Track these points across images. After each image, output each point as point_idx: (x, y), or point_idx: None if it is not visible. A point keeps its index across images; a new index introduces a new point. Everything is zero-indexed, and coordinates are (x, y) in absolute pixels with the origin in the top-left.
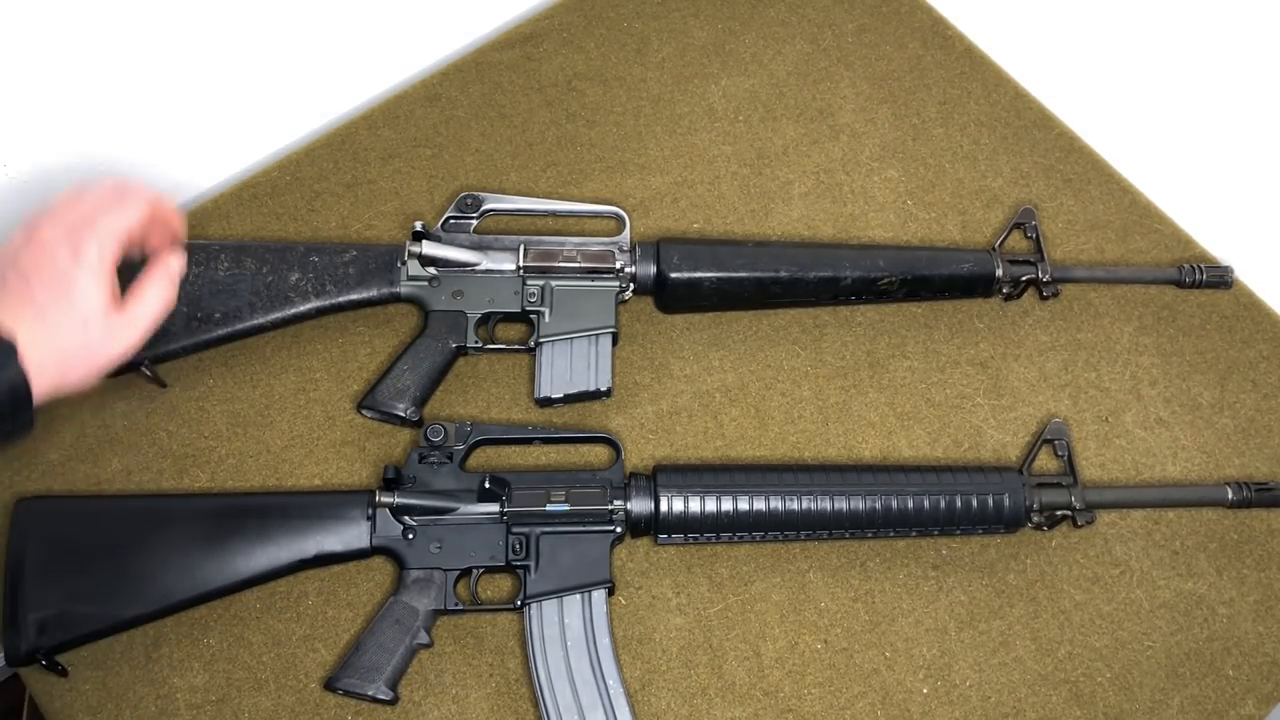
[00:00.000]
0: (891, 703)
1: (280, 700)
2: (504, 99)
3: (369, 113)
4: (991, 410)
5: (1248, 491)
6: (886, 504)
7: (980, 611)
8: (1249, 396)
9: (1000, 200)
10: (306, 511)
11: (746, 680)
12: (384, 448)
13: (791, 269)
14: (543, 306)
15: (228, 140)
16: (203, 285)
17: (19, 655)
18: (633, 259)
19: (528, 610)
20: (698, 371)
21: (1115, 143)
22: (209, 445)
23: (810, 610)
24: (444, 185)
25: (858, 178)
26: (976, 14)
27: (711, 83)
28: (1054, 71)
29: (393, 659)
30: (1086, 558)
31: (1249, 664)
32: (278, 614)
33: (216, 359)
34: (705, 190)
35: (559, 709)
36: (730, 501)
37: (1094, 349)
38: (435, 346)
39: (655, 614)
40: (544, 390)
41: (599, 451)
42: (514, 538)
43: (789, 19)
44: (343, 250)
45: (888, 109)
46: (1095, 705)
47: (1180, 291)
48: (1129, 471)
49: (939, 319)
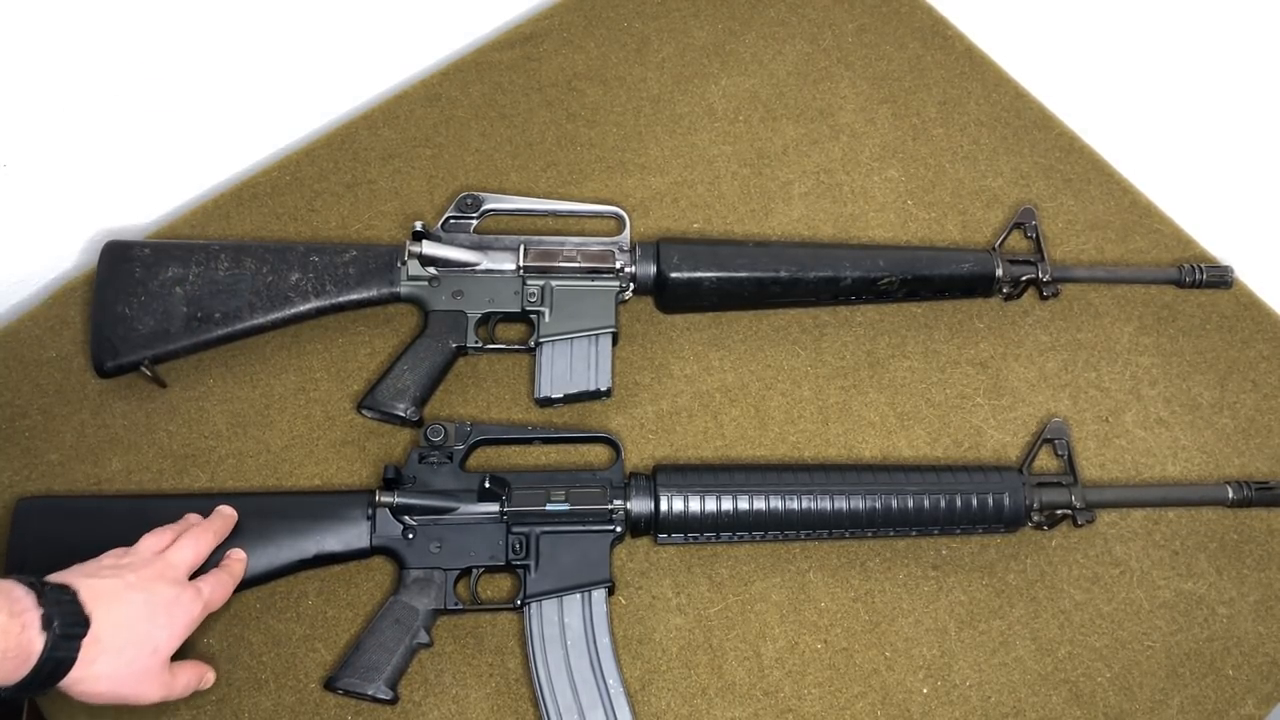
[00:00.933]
0: (891, 703)
1: (280, 700)
2: (504, 99)
3: (369, 113)
4: (991, 410)
5: (1248, 491)
6: (886, 504)
7: (980, 611)
8: (1249, 396)
9: (1000, 200)
10: (306, 511)
11: (746, 680)
12: (384, 448)
13: (791, 269)
14: (543, 306)
15: (228, 140)
16: (203, 285)
17: None
18: (633, 259)
19: (528, 610)
20: (698, 371)
21: (1115, 143)
22: (209, 445)
23: (810, 610)
24: (444, 185)
25: (858, 178)
26: (976, 14)
27: (711, 83)
28: (1054, 71)
29: (393, 659)
30: (1086, 558)
31: (1249, 664)
32: (278, 614)
33: (216, 359)
34: (705, 190)
35: (559, 709)
36: (730, 501)
37: (1094, 349)
38: (435, 346)
39: (655, 614)
40: (544, 390)
41: (599, 451)
42: (514, 537)
43: (789, 19)
44: (343, 250)
45: (888, 109)
46: (1095, 705)
47: (1180, 291)
48: (1129, 471)
49: (939, 319)
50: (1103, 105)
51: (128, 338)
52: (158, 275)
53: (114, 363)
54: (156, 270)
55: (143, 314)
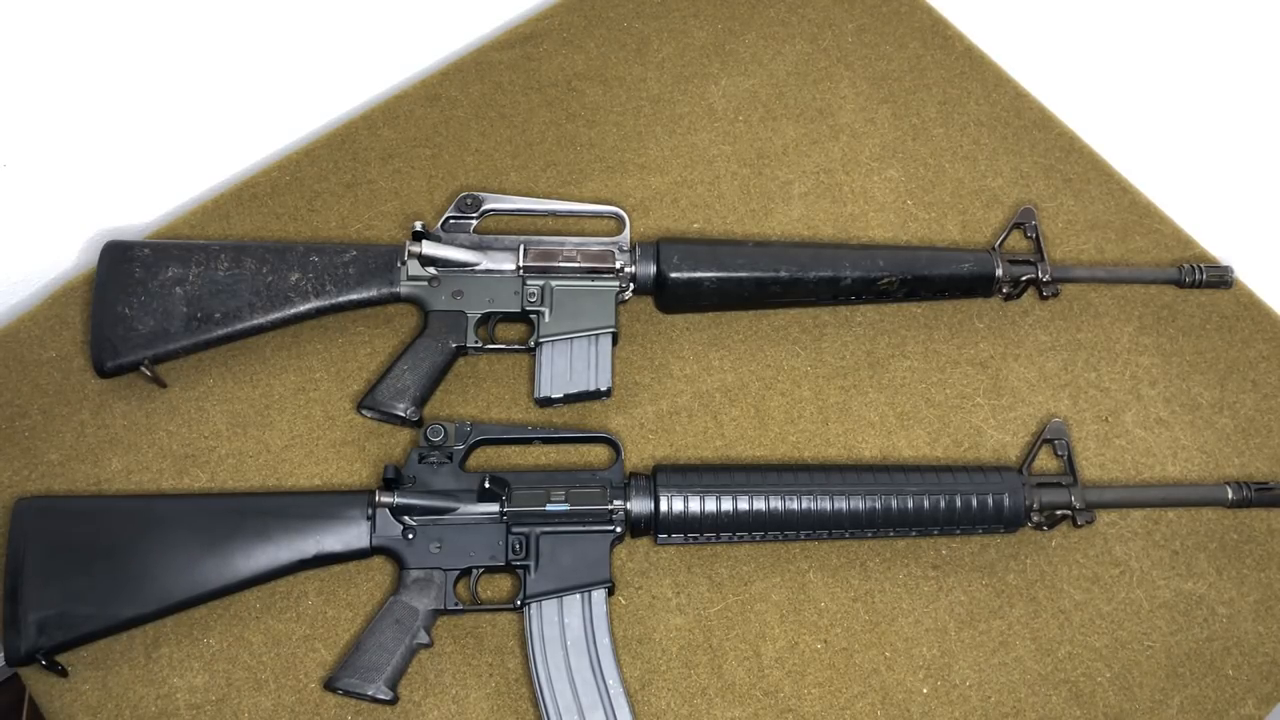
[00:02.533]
0: (891, 703)
1: (280, 700)
2: (504, 99)
3: (369, 113)
4: (991, 410)
5: (1248, 491)
6: (886, 504)
7: (980, 611)
8: (1249, 396)
9: (1000, 200)
10: (306, 511)
11: (746, 680)
12: (384, 448)
13: (791, 269)
14: (543, 306)
15: (228, 140)
16: (203, 285)
17: (19, 655)
18: (633, 259)
19: (528, 610)
20: (698, 371)
21: (1115, 143)
22: (209, 445)
23: (810, 610)
24: (444, 185)
25: (858, 178)
26: (976, 14)
27: (711, 83)
28: (1054, 71)
29: (393, 659)
30: (1086, 558)
31: (1249, 664)
32: (278, 614)
33: (216, 359)
34: (705, 190)
35: (559, 709)
36: (730, 501)
37: (1094, 349)
38: (435, 346)
39: (655, 614)
40: (544, 390)
41: (599, 451)
42: (514, 537)
43: (789, 19)
44: (343, 250)
45: (888, 109)
46: (1095, 705)
47: (1180, 291)
48: (1129, 471)
49: (939, 319)
50: (1103, 105)
51: (128, 338)
52: (158, 275)
53: (114, 363)
54: (156, 270)
55: (143, 314)
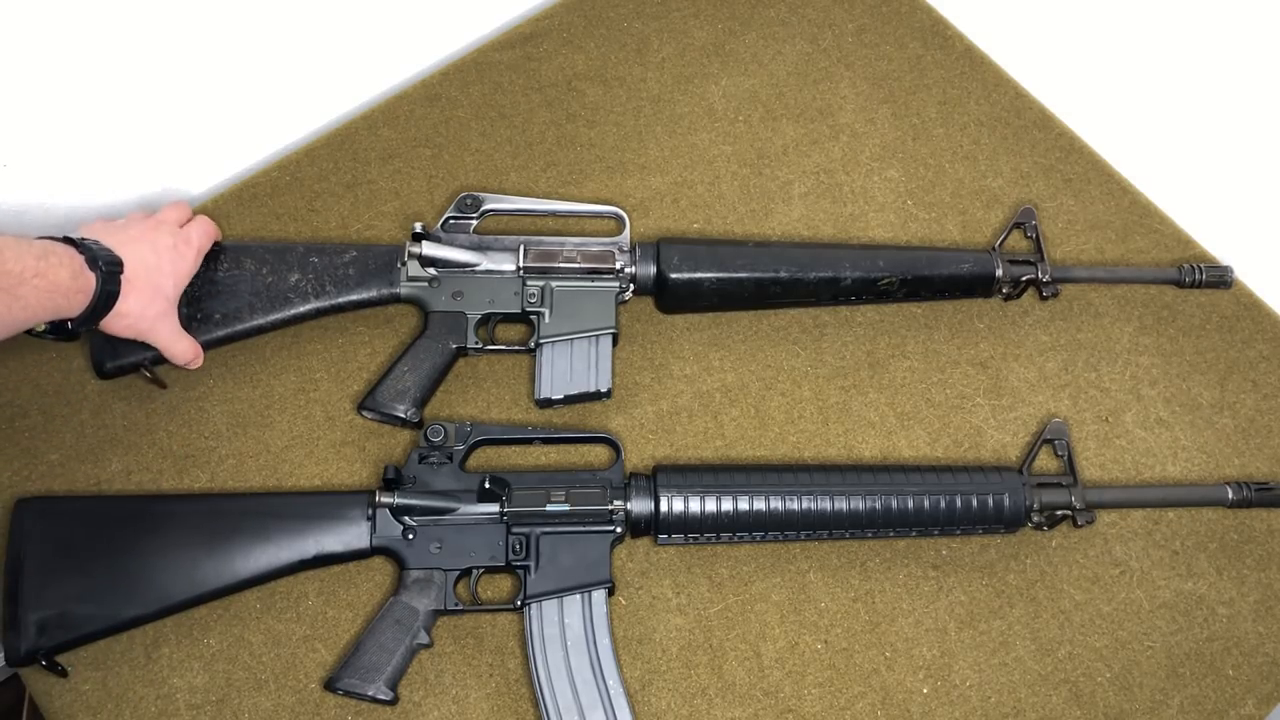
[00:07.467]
0: (891, 703)
1: (280, 700)
2: (504, 99)
3: (369, 113)
4: (991, 410)
5: (1248, 491)
6: (886, 504)
7: (980, 611)
8: (1249, 396)
9: (1000, 200)
10: (306, 511)
11: (746, 680)
12: (384, 448)
13: (791, 269)
14: (543, 307)
15: (228, 140)
16: (203, 285)
17: (19, 655)
18: (633, 259)
19: (528, 610)
20: (698, 371)
21: (1115, 143)
22: (209, 445)
23: (810, 610)
24: (444, 185)
25: (858, 178)
26: (976, 14)
27: (711, 83)
28: (1054, 71)
29: (393, 659)
30: (1086, 558)
31: (1249, 664)
32: (278, 614)
33: (216, 359)
34: (705, 190)
35: (559, 709)
36: (730, 501)
37: (1094, 349)
38: (435, 347)
39: (655, 614)
40: (544, 391)
41: (599, 452)
42: (514, 538)
43: (789, 19)
44: (342, 251)
45: (888, 109)
46: (1095, 705)
47: (1180, 291)
48: (1129, 471)
49: (939, 319)
50: (1103, 105)
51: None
52: None
53: (114, 363)
54: None
55: None
